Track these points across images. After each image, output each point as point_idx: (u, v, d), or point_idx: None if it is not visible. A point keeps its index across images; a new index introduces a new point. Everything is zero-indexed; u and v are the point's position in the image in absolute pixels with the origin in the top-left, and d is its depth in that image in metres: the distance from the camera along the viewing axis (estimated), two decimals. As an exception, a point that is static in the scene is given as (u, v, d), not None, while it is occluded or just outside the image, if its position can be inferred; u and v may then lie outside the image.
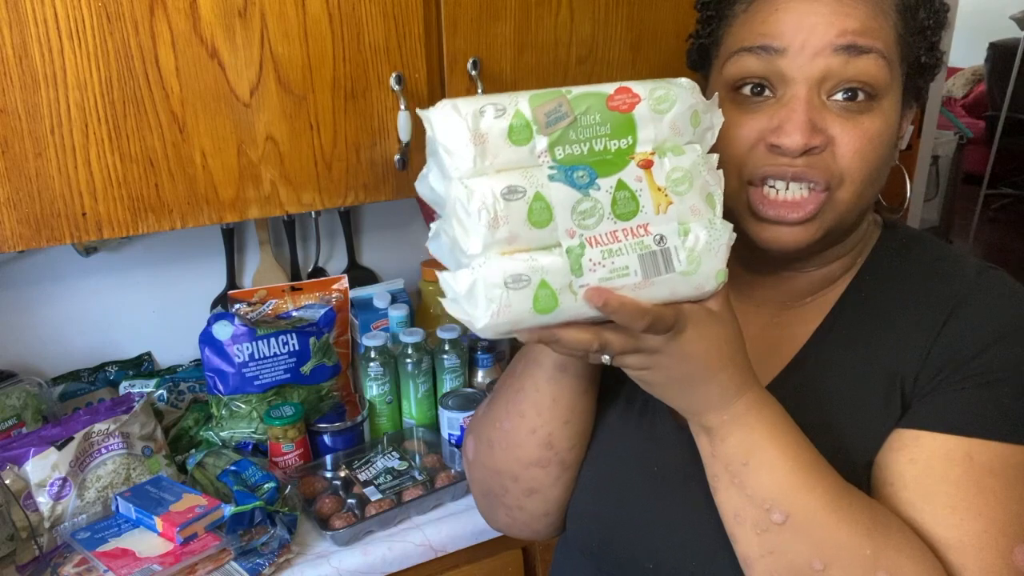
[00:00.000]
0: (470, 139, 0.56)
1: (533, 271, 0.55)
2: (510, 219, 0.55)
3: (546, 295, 0.56)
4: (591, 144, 0.58)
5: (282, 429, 1.22)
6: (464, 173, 0.56)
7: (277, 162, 1.07)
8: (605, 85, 0.59)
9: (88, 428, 1.14)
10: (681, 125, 0.60)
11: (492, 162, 0.56)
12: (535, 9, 1.17)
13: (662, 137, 0.60)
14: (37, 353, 1.35)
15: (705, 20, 0.76)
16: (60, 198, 0.97)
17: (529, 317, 0.56)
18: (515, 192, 0.55)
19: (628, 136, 0.59)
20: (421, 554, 1.14)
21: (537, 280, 0.55)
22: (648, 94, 0.59)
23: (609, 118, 0.58)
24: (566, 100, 0.57)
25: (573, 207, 0.57)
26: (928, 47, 0.70)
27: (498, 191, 0.55)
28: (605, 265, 0.57)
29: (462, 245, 0.56)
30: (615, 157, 0.58)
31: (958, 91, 5.45)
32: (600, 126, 0.58)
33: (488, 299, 0.55)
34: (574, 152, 0.58)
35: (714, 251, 0.59)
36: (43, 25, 0.90)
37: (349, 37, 1.06)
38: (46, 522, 1.09)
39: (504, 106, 0.56)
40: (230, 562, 1.05)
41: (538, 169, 0.57)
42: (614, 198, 0.57)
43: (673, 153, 0.60)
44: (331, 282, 1.39)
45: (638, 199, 0.58)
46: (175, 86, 0.98)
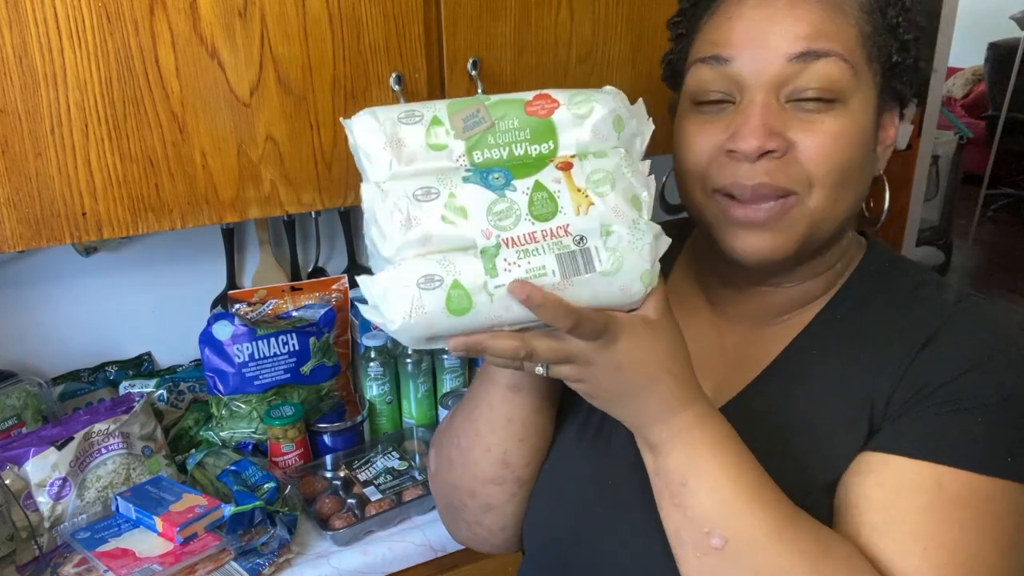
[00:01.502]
0: (387, 144, 0.56)
1: (446, 271, 0.55)
2: (423, 220, 0.55)
3: (459, 296, 0.55)
4: (511, 148, 0.58)
5: (282, 429, 1.22)
6: (381, 178, 0.57)
7: (277, 162, 1.07)
8: (526, 93, 0.59)
9: (88, 428, 1.14)
10: (604, 130, 0.60)
11: (409, 167, 0.57)
12: (535, 9, 1.17)
13: (584, 141, 0.59)
14: (37, 353, 1.35)
15: (676, 38, 0.76)
16: (60, 198, 0.97)
17: (443, 319, 0.55)
18: (429, 193, 0.56)
19: (549, 141, 0.59)
20: (421, 554, 1.14)
21: (450, 280, 0.55)
22: (568, 100, 0.60)
23: (528, 123, 0.59)
24: (484, 107, 0.58)
25: (488, 207, 0.56)
26: (900, 46, 0.68)
27: (411, 192, 0.55)
28: (520, 265, 0.55)
29: (379, 248, 0.56)
30: (535, 161, 0.58)
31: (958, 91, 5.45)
32: (519, 131, 0.58)
33: (400, 300, 0.54)
34: (492, 156, 0.58)
35: (638, 251, 0.57)
36: (43, 25, 0.90)
37: (349, 37, 1.06)
38: (46, 522, 1.09)
39: (422, 113, 0.57)
40: (230, 562, 1.05)
41: (454, 172, 0.57)
42: (531, 199, 0.57)
43: (595, 156, 0.59)
44: (331, 282, 1.39)
45: (556, 200, 0.57)
46: (175, 86, 0.98)
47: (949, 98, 5.29)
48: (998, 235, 4.98)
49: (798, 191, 0.65)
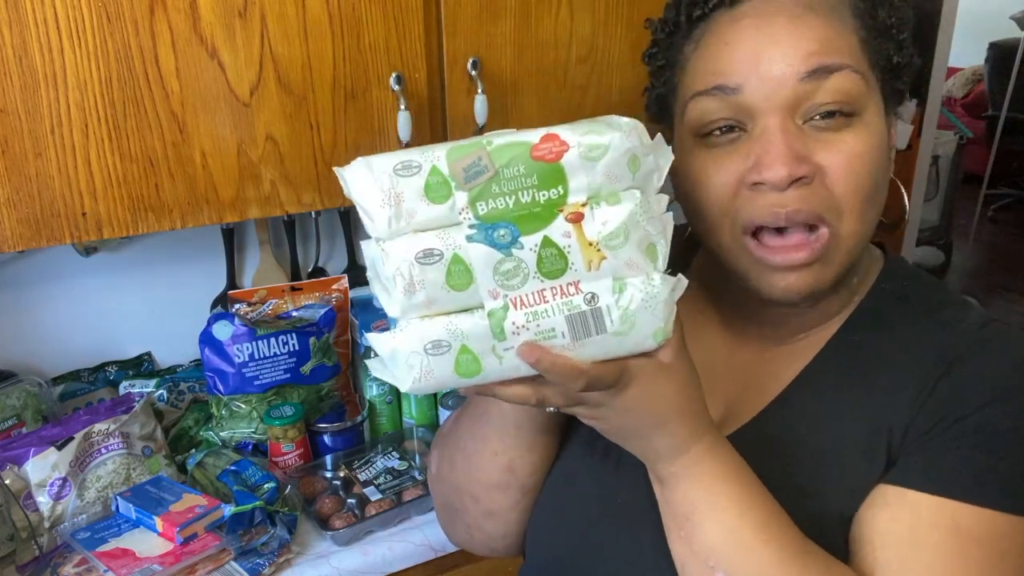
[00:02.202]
0: (384, 200, 0.53)
1: (453, 336, 0.53)
2: (427, 284, 0.53)
3: (468, 360, 0.54)
4: (517, 196, 0.54)
5: (282, 429, 1.22)
6: (381, 235, 0.54)
7: (277, 162, 1.07)
8: (531, 133, 0.55)
9: (88, 428, 1.14)
10: (617, 171, 0.55)
11: (409, 222, 0.54)
12: (535, 9, 1.17)
13: (596, 184, 0.54)
14: (37, 353, 1.35)
15: (656, 71, 0.71)
16: (60, 198, 0.97)
17: (453, 381, 0.54)
18: (431, 256, 0.53)
19: (558, 186, 0.54)
20: (421, 554, 1.14)
21: (458, 346, 0.54)
22: (578, 140, 0.55)
23: (535, 169, 0.54)
24: (486, 152, 0.53)
25: (495, 268, 0.53)
26: (897, 46, 0.65)
27: (413, 256, 0.53)
28: (529, 328, 0.54)
29: (384, 305, 0.55)
30: (543, 210, 0.54)
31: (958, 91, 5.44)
32: (525, 177, 0.54)
33: (409, 365, 0.54)
34: (498, 206, 0.53)
35: (651, 309, 0.54)
36: (43, 25, 0.90)
37: (349, 37, 1.06)
38: (46, 522, 1.09)
39: (420, 163, 0.53)
40: (230, 562, 1.05)
41: (457, 228, 0.53)
42: (539, 256, 0.53)
43: (608, 203, 0.54)
44: (331, 282, 1.39)
45: (567, 256, 0.54)
46: (175, 86, 0.98)
47: (949, 98, 5.29)
48: (998, 235, 4.97)
49: (829, 219, 0.62)
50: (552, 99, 1.24)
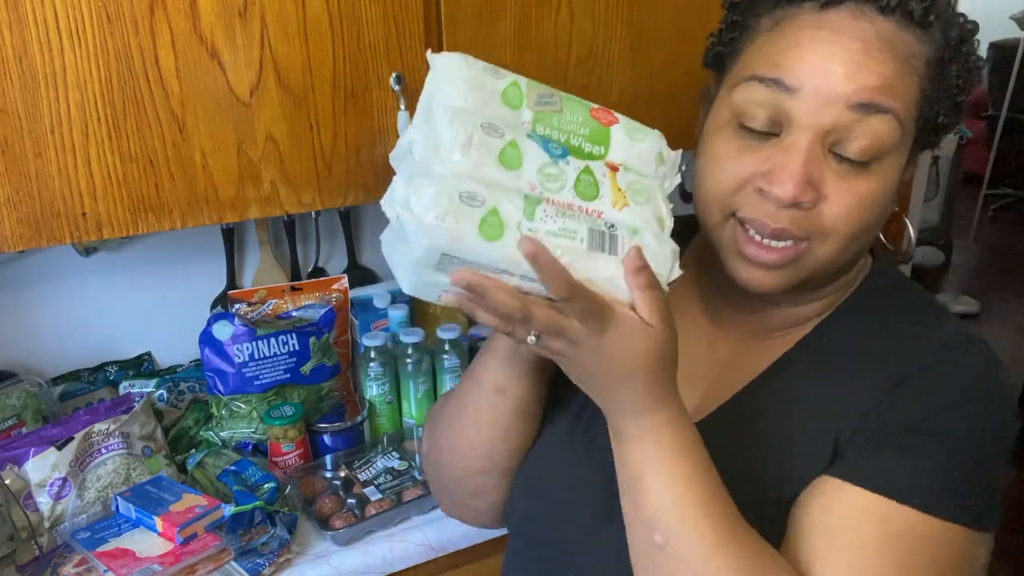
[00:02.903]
0: (470, 83, 0.59)
1: (489, 194, 0.56)
2: (483, 149, 0.57)
3: (494, 223, 0.56)
4: (569, 137, 0.62)
5: (282, 429, 1.22)
6: (452, 97, 0.59)
7: (277, 162, 1.07)
8: (592, 103, 0.63)
9: (88, 428, 1.14)
10: (647, 159, 0.63)
11: (482, 109, 0.59)
12: (535, 9, 1.17)
13: (629, 160, 0.63)
14: (37, 353, 1.35)
15: (729, 24, 0.72)
16: (60, 198, 0.97)
17: (469, 237, 0.55)
18: (494, 130, 0.58)
19: (602, 145, 0.63)
20: (421, 554, 1.14)
21: (490, 205, 0.56)
22: (626, 123, 0.64)
23: (590, 123, 0.62)
24: (558, 94, 0.62)
25: (541, 168, 0.59)
26: (951, 107, 0.66)
27: (479, 123, 0.58)
28: (556, 221, 0.58)
29: (429, 160, 0.57)
30: (587, 156, 0.62)
31: (958, 91, 5.44)
32: (581, 127, 0.62)
33: (438, 200, 0.54)
34: (552, 135, 0.61)
35: (659, 258, 0.60)
36: (43, 25, 0.90)
37: (349, 37, 1.06)
38: (46, 522, 1.09)
39: (505, 74, 0.61)
40: (230, 562, 1.05)
41: (520, 127, 0.60)
42: (579, 177, 0.60)
43: (638, 174, 0.63)
44: (331, 282, 1.39)
45: (599, 187, 0.61)
46: (175, 86, 0.98)
47: (949, 98, 5.28)
48: (998, 235, 4.97)
49: (812, 239, 0.64)
50: (552, 99, 1.24)
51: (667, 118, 1.35)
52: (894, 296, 0.73)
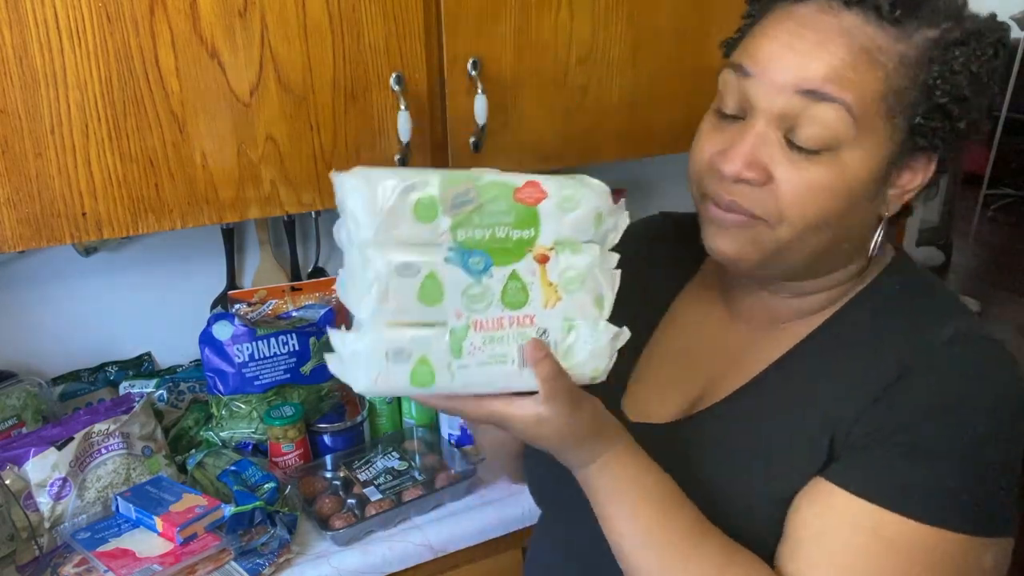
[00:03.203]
0: (375, 210, 0.57)
1: (415, 347, 0.59)
2: (401, 294, 0.58)
3: (424, 371, 0.59)
4: (493, 231, 0.59)
5: (282, 429, 1.22)
6: (364, 242, 0.57)
7: (277, 162, 1.07)
8: (517, 176, 0.60)
9: (88, 428, 1.14)
10: (584, 225, 0.62)
11: (394, 234, 0.57)
12: (535, 9, 1.17)
13: (563, 234, 0.61)
14: (37, 353, 1.35)
15: (747, 14, 0.74)
16: (60, 198, 0.97)
17: (405, 388, 0.60)
18: (409, 268, 0.58)
19: (531, 228, 0.60)
20: (421, 554, 1.14)
21: (417, 356, 0.59)
22: (556, 191, 0.61)
23: (514, 208, 0.60)
24: (474, 186, 0.59)
25: (464, 290, 0.59)
26: (929, 108, 0.63)
27: (393, 266, 0.57)
28: (485, 351, 0.60)
29: (354, 307, 0.60)
30: (515, 247, 0.60)
31: (958, 91, 5.44)
32: (504, 215, 0.60)
33: (368, 367, 0.58)
34: (475, 236, 0.59)
35: (593, 351, 0.63)
36: (43, 25, 0.90)
37: (349, 37, 1.06)
38: (46, 522, 1.09)
39: (415, 183, 0.57)
40: (230, 562, 1.05)
41: (437, 249, 0.58)
42: (505, 287, 0.60)
43: (571, 251, 0.61)
44: (331, 282, 1.39)
45: (528, 291, 0.61)
46: (175, 86, 0.98)
47: (949, 98, 5.28)
48: (998, 235, 4.97)
49: (767, 220, 0.66)
50: (552, 99, 1.24)
51: (667, 118, 1.35)
52: (908, 290, 0.72)
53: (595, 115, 1.28)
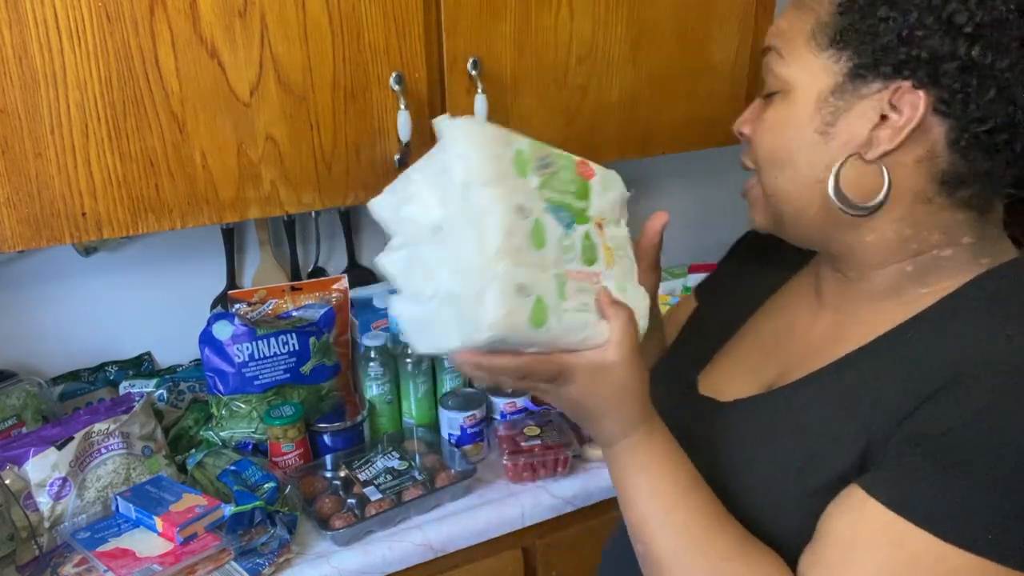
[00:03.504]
0: (494, 154, 0.59)
1: (533, 283, 0.59)
2: (518, 234, 0.59)
3: (539, 311, 0.59)
4: (564, 197, 0.64)
5: (282, 429, 1.22)
6: (485, 181, 0.58)
7: (277, 162, 1.07)
8: (572, 155, 0.67)
9: (88, 428, 1.14)
10: (614, 206, 0.69)
11: (505, 183, 0.59)
12: (535, 9, 1.17)
13: (604, 211, 0.68)
14: (37, 353, 1.35)
15: None
16: (60, 198, 0.97)
17: (524, 328, 0.58)
18: (523, 211, 0.60)
19: (586, 200, 0.66)
20: (421, 554, 1.14)
21: (536, 294, 0.59)
22: (599, 172, 0.68)
23: (575, 180, 0.65)
24: (552, 152, 0.64)
25: (559, 240, 0.62)
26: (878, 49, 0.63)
27: (513, 204, 0.59)
28: (577, 299, 0.63)
29: (470, 251, 0.58)
30: (578, 213, 0.65)
31: (958, 91, 5.44)
32: (571, 183, 0.65)
33: (499, 301, 0.57)
34: (554, 198, 0.63)
35: (638, 313, 0.66)
36: (43, 25, 0.90)
37: (349, 37, 1.06)
38: (46, 522, 1.09)
39: (511, 140, 0.61)
40: (230, 562, 1.05)
41: (537, 199, 0.62)
42: (583, 244, 0.65)
43: (612, 224, 0.69)
44: (331, 282, 1.39)
45: (597, 251, 0.66)
46: (175, 86, 0.98)
47: (949, 98, 5.28)
48: (998, 235, 4.96)
49: (757, 172, 0.74)
50: (552, 99, 1.24)
51: (667, 118, 1.35)
52: (1001, 295, 0.66)
53: (595, 115, 1.28)
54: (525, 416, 1.33)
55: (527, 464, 1.23)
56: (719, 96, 1.39)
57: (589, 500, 1.25)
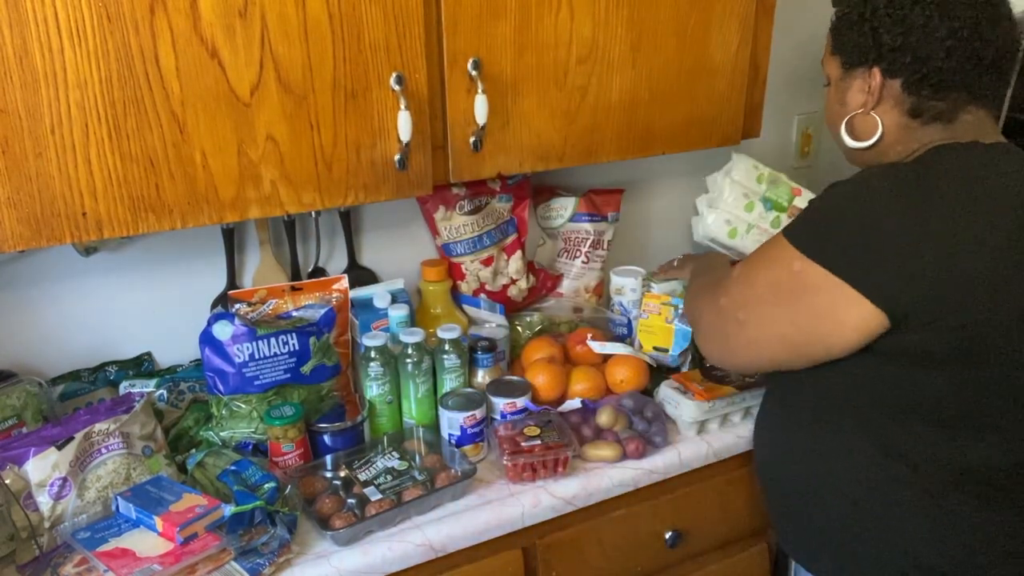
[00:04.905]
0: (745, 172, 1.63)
1: (737, 221, 1.62)
2: (739, 202, 1.61)
3: (735, 232, 1.62)
4: (778, 197, 1.62)
5: (282, 429, 1.22)
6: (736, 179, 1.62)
7: (277, 162, 1.07)
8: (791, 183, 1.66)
9: (88, 428, 1.14)
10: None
11: (747, 183, 1.62)
12: (535, 9, 1.17)
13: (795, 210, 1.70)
14: (37, 353, 1.35)
15: None
16: (60, 198, 0.97)
17: (724, 237, 1.63)
18: (744, 195, 1.62)
19: (791, 203, 1.62)
20: (421, 554, 1.14)
21: (733, 226, 1.62)
22: (804, 192, 1.66)
23: (788, 194, 1.63)
24: (782, 178, 1.66)
25: (760, 214, 1.62)
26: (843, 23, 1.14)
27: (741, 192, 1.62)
28: (756, 237, 1.62)
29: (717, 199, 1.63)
30: (779, 207, 1.63)
31: (958, 91, 5.44)
32: (784, 194, 1.62)
33: (716, 222, 1.62)
34: (770, 196, 1.62)
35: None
36: (43, 25, 0.90)
37: (349, 37, 1.06)
38: (46, 522, 1.09)
39: (762, 169, 1.65)
40: (230, 562, 1.05)
41: (759, 194, 1.63)
42: (772, 220, 1.62)
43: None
44: (331, 282, 1.39)
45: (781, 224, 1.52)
46: (175, 86, 0.98)
47: (949, 98, 5.28)
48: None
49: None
50: (552, 99, 1.24)
51: (667, 118, 1.36)
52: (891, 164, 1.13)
53: (595, 115, 1.28)
54: (525, 416, 1.33)
55: (527, 464, 1.23)
56: (719, 96, 1.39)
57: (589, 500, 1.25)
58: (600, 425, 1.34)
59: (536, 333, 1.56)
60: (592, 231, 1.64)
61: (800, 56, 1.82)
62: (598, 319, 1.60)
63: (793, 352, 1.06)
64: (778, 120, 1.89)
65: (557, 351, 1.47)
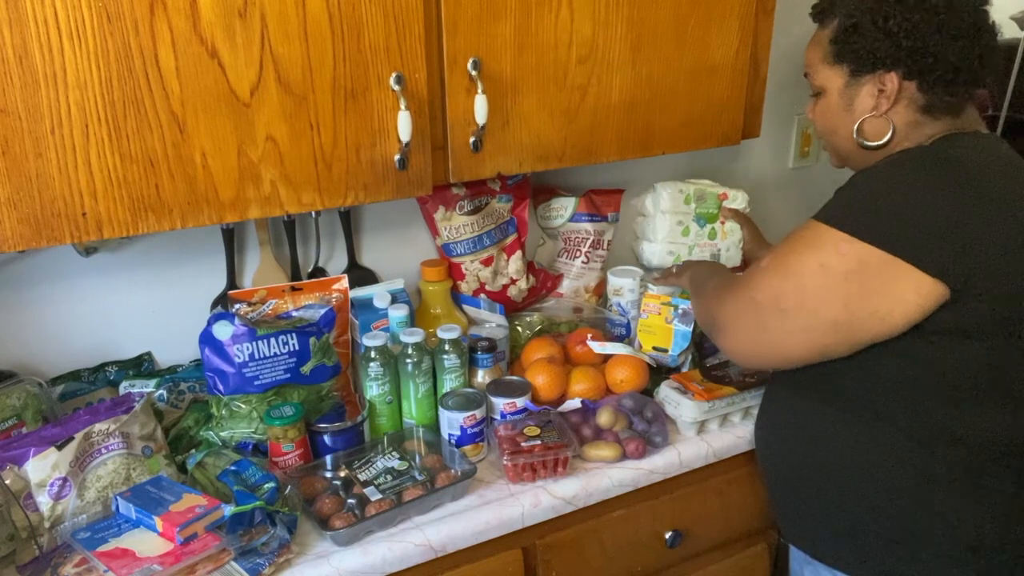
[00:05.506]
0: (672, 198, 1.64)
1: (677, 249, 1.67)
2: (675, 231, 1.65)
3: (677, 259, 1.66)
4: (708, 209, 1.65)
5: (282, 429, 1.22)
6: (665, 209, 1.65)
7: (277, 162, 1.07)
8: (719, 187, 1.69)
9: (88, 428, 1.14)
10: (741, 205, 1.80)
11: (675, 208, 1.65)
12: (535, 9, 1.17)
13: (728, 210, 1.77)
14: (37, 353, 1.35)
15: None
16: (60, 198, 0.97)
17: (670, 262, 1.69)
18: (677, 222, 1.65)
19: (717, 210, 1.68)
20: (421, 554, 1.14)
21: (675, 255, 1.65)
22: (730, 194, 1.72)
23: (717, 203, 1.67)
24: (707, 191, 1.63)
25: (697, 233, 1.67)
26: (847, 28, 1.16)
27: (674, 221, 1.65)
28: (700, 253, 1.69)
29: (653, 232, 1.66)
30: (711, 218, 1.67)
31: (958, 91, 5.44)
32: (712, 205, 1.66)
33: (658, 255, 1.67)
34: (701, 212, 1.65)
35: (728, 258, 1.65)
36: (43, 25, 0.90)
37: (349, 37, 1.06)
38: (46, 522, 1.09)
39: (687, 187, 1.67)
40: (230, 562, 1.05)
41: (690, 215, 1.67)
42: (709, 231, 1.67)
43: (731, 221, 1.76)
44: (331, 282, 1.39)
45: (717, 235, 1.69)
46: (175, 86, 0.98)
47: (949, 98, 5.27)
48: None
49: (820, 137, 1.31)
50: (552, 99, 1.24)
51: (667, 118, 1.36)
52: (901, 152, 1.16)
53: (595, 115, 1.28)
54: (525, 416, 1.33)
55: (527, 464, 1.23)
56: (719, 96, 1.39)
57: (589, 500, 1.25)
58: (600, 425, 1.34)
59: (536, 333, 1.56)
60: (592, 231, 1.64)
61: (800, 56, 1.82)
62: (598, 319, 1.60)
63: (842, 336, 1.04)
64: (778, 120, 1.89)
65: (557, 351, 1.47)
